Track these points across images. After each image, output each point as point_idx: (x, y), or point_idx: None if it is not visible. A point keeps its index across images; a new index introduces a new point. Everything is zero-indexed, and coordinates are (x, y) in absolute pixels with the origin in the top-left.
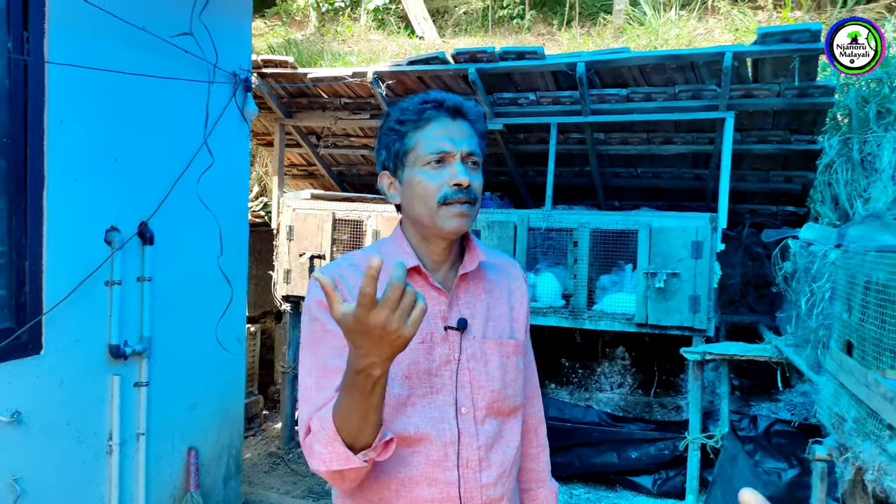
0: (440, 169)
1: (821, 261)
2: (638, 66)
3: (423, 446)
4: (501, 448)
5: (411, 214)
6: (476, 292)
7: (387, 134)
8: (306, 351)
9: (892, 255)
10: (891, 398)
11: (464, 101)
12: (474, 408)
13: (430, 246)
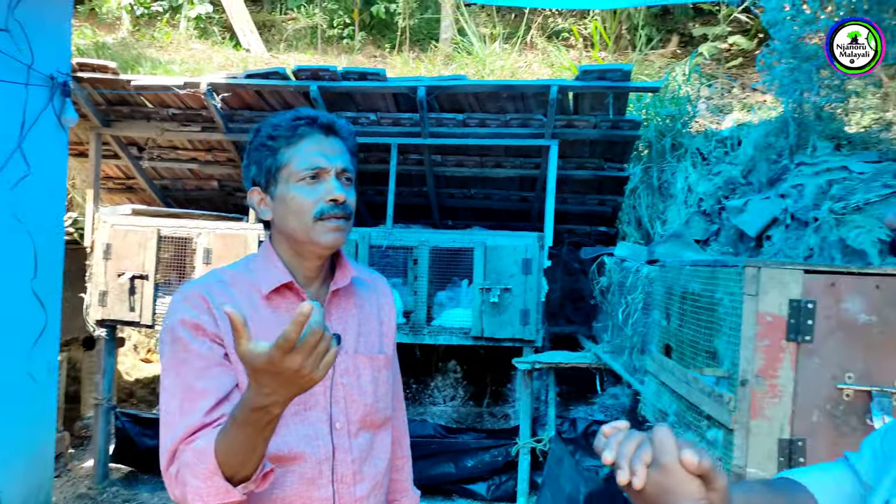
0: (315, 185)
1: (634, 275)
2: (474, 94)
3: (296, 465)
4: (373, 461)
5: (285, 230)
6: (347, 308)
7: (258, 150)
8: (168, 373)
9: (704, 269)
10: (708, 392)
11: (336, 118)
12: (348, 422)
13: (304, 262)
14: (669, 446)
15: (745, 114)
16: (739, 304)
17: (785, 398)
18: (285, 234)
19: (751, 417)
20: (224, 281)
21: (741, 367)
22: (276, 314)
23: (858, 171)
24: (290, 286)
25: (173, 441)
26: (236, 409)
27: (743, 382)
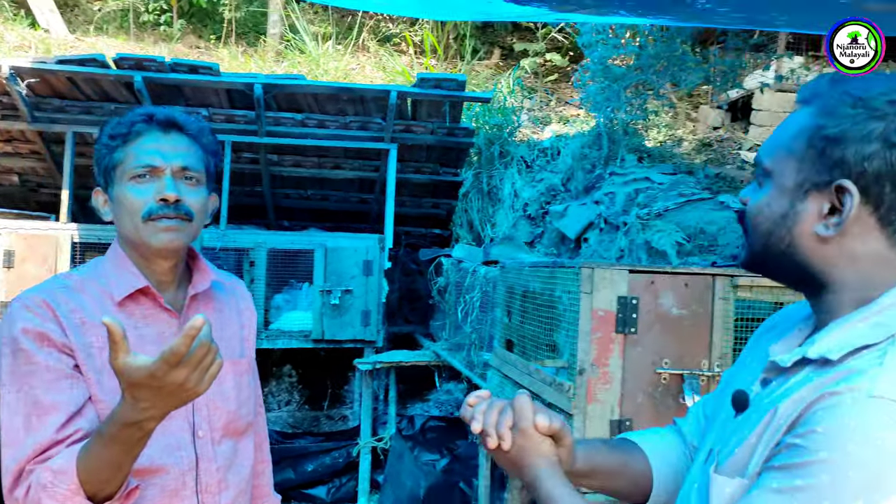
0: (147, 184)
1: (471, 276)
2: (313, 94)
3: (157, 478)
4: (237, 468)
5: (121, 231)
6: (207, 312)
7: (98, 150)
8: (9, 388)
9: (544, 269)
10: (549, 382)
11: (179, 114)
12: (211, 430)
13: (153, 265)
14: (527, 412)
15: (563, 126)
16: (577, 300)
17: (615, 384)
18: (123, 235)
19: (587, 402)
20: (69, 286)
21: (579, 358)
22: (131, 321)
23: (659, 182)
24: (146, 291)
25: (18, 461)
26: (105, 424)
27: (581, 371)
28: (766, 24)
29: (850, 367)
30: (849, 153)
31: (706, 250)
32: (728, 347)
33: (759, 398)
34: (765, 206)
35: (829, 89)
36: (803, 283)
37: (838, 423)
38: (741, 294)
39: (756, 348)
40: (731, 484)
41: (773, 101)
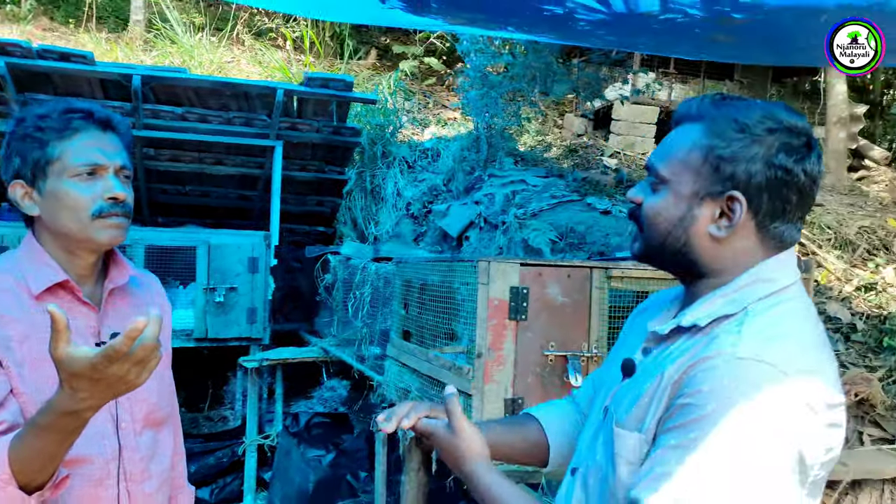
0: (92, 181)
1: (361, 272)
2: (195, 88)
3: (81, 467)
4: (159, 458)
5: (56, 227)
6: (124, 306)
7: (22, 140)
8: None
9: (443, 264)
10: (449, 367)
11: (112, 113)
12: (133, 420)
13: (76, 259)
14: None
15: (441, 128)
16: (475, 291)
17: (508, 366)
18: (56, 231)
19: (485, 383)
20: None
21: (477, 343)
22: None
23: (533, 184)
24: (65, 285)
25: None
26: (40, 415)
27: (479, 355)
28: (633, 46)
29: (715, 333)
30: (738, 170)
31: (576, 247)
32: (604, 331)
33: (643, 364)
34: (663, 210)
35: (716, 112)
36: (688, 272)
37: (718, 382)
38: (613, 284)
39: (633, 327)
40: (632, 437)
41: (630, 112)
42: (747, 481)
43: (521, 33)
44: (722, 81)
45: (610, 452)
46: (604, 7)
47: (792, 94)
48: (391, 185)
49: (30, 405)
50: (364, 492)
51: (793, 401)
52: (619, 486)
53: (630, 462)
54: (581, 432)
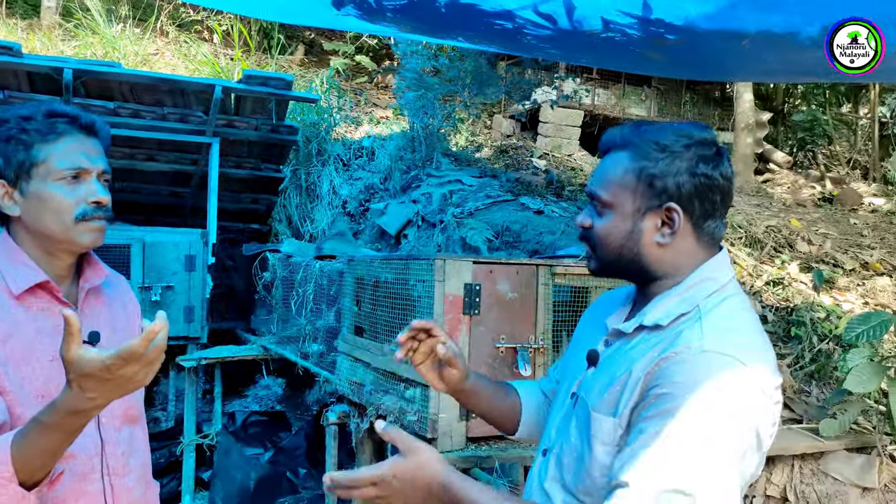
0: (75, 185)
1: (304, 270)
2: (129, 83)
3: (67, 463)
4: (137, 453)
5: (37, 227)
6: (98, 306)
7: (6, 142)
8: None
9: (398, 262)
10: (407, 361)
11: (96, 117)
12: (112, 416)
13: (55, 260)
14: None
15: (374, 126)
16: (431, 288)
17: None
18: (37, 231)
19: None
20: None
21: None
22: (30, 314)
23: (469, 184)
24: (44, 286)
25: None
26: (45, 414)
27: None
28: (576, 59)
29: (677, 330)
30: (669, 184)
31: (511, 245)
32: (549, 324)
33: (606, 355)
34: (613, 229)
35: (639, 139)
36: (642, 277)
37: (690, 373)
38: (557, 280)
39: (589, 324)
40: (607, 421)
41: (556, 116)
42: (716, 456)
43: (469, 43)
44: (640, 87)
45: (586, 434)
46: (550, 24)
47: (704, 101)
48: (326, 183)
49: (15, 403)
50: (304, 488)
51: (751, 387)
52: (595, 465)
53: (605, 443)
54: (549, 416)
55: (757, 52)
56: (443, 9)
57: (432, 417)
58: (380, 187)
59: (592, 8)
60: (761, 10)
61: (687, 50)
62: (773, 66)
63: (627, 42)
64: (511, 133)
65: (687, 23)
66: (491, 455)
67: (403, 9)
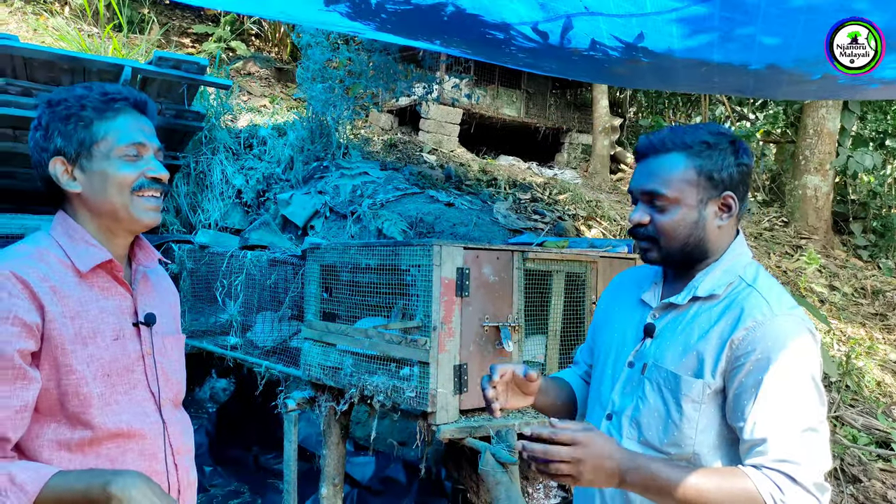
0: (136, 161)
1: (230, 260)
2: (23, 58)
3: (135, 443)
4: (188, 434)
5: (99, 204)
6: (148, 290)
7: (64, 120)
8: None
9: (384, 248)
10: (398, 341)
11: (147, 97)
12: (167, 399)
13: (115, 239)
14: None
15: (255, 115)
16: (429, 272)
17: (456, 336)
18: (100, 209)
19: (439, 352)
20: (32, 255)
21: (432, 318)
22: (93, 293)
23: (377, 176)
24: (107, 265)
25: None
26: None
27: (434, 328)
28: (538, 68)
29: (734, 298)
30: (724, 175)
31: (425, 236)
32: (521, 304)
33: (662, 326)
34: (681, 220)
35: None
36: (699, 258)
37: (774, 336)
38: (528, 265)
39: (616, 303)
40: (697, 382)
41: (437, 113)
42: (816, 393)
43: (442, 47)
44: (512, 89)
45: (673, 394)
46: (541, 40)
47: (566, 104)
48: (217, 172)
49: (82, 382)
50: (212, 486)
51: (813, 333)
52: (684, 420)
53: (695, 401)
54: (601, 387)
55: (709, 74)
56: (446, 17)
57: (432, 392)
58: (281, 177)
59: (588, 31)
60: (733, 51)
61: (650, 68)
62: (715, 83)
63: (604, 59)
64: (390, 128)
65: (667, 51)
66: (483, 425)
67: (405, 14)
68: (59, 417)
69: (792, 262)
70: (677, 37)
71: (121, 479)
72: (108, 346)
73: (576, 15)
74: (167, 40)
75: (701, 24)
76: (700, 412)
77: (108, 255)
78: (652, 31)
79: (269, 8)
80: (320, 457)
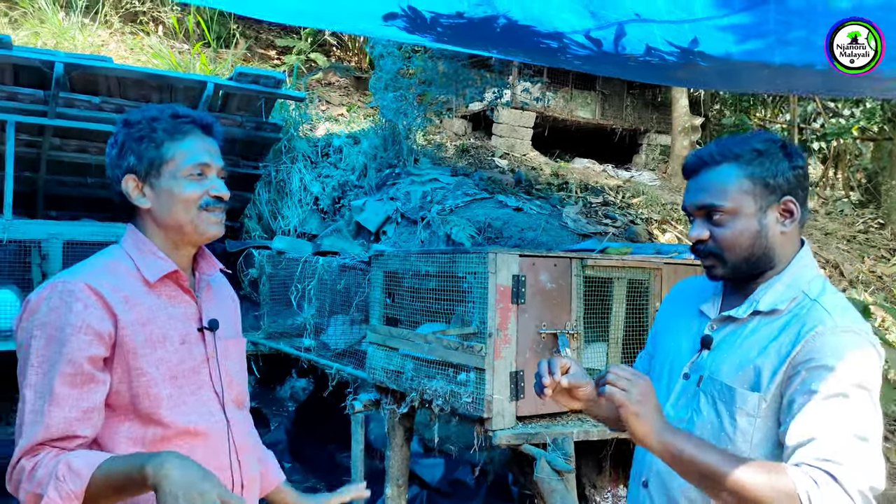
0: (201, 180)
1: (304, 265)
2: (117, 78)
3: (202, 440)
4: (251, 434)
5: (166, 219)
6: (211, 296)
7: (138, 140)
8: (37, 371)
9: (442, 255)
10: (455, 347)
11: (213, 119)
12: (229, 399)
13: (180, 251)
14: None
15: (333, 125)
16: (485, 279)
17: (512, 343)
18: (167, 225)
19: (495, 359)
20: (105, 268)
21: (488, 325)
22: (161, 301)
23: (446, 182)
24: (173, 275)
25: (34, 438)
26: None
27: (490, 335)
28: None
29: (796, 313)
30: (780, 180)
31: (493, 242)
32: (581, 311)
33: (720, 338)
34: (742, 231)
35: (738, 150)
36: (765, 268)
37: (835, 347)
38: (587, 272)
39: (675, 312)
40: (752, 396)
41: (510, 117)
42: (871, 406)
43: (500, 55)
44: (587, 91)
45: (727, 407)
46: (595, 47)
47: (643, 105)
48: (296, 180)
49: (152, 384)
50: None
51: (874, 347)
52: (738, 432)
53: (749, 414)
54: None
55: (772, 76)
56: (499, 29)
57: (488, 398)
58: (355, 184)
59: (641, 37)
60: (793, 54)
61: (711, 71)
62: (779, 84)
63: (661, 64)
64: (463, 133)
65: (724, 55)
66: (539, 432)
67: (458, 27)
68: (133, 416)
69: (888, 267)
70: (732, 41)
71: (157, 458)
72: (176, 350)
73: (627, 22)
74: (253, 53)
75: (754, 28)
76: (755, 426)
77: (173, 265)
78: (706, 35)
79: (339, 23)
80: (385, 457)
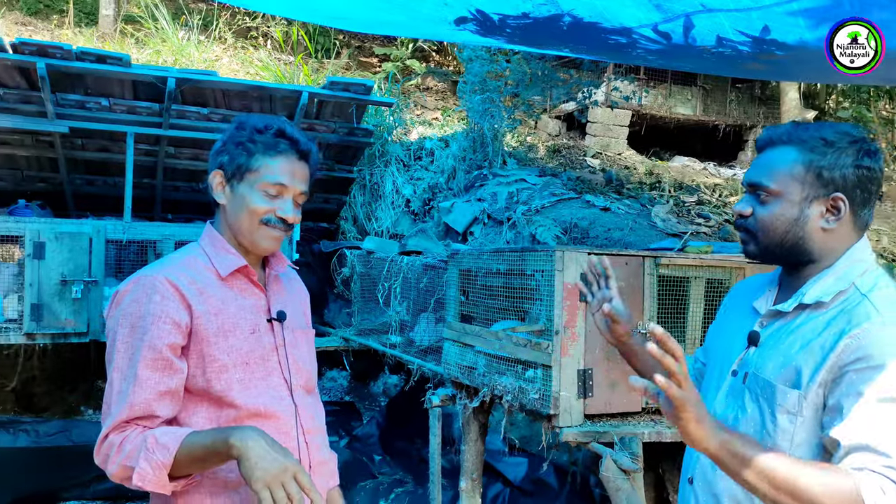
0: (274, 199)
1: (390, 265)
2: (222, 90)
3: (272, 422)
4: (319, 418)
5: (233, 224)
6: (280, 290)
7: (237, 145)
8: (123, 356)
9: (511, 254)
10: (524, 344)
11: (312, 146)
12: (298, 386)
13: (247, 253)
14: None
15: (426, 128)
16: (551, 277)
17: (580, 341)
18: (233, 227)
19: (562, 356)
20: (183, 263)
21: (555, 322)
22: (232, 293)
23: (533, 182)
24: (244, 269)
25: (121, 415)
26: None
27: (557, 332)
28: (670, 66)
29: (843, 308)
30: (836, 175)
31: (579, 242)
32: (654, 310)
33: (767, 335)
34: (779, 216)
35: (806, 135)
36: (798, 260)
37: (883, 345)
38: (661, 270)
39: (731, 310)
40: (793, 393)
41: (604, 115)
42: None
43: (572, 53)
44: (687, 87)
45: (769, 405)
46: (664, 41)
47: (748, 99)
48: (389, 182)
49: (223, 370)
50: (381, 473)
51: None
52: (779, 431)
53: (790, 412)
54: (706, 393)
55: None
56: (565, 27)
57: (554, 395)
58: (444, 186)
59: (711, 27)
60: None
61: (791, 61)
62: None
63: (735, 56)
64: (557, 133)
65: (799, 42)
66: (608, 431)
67: (526, 27)
68: (208, 399)
69: None
70: (804, 27)
71: (239, 431)
72: (246, 338)
73: (694, 13)
74: (355, 62)
75: (828, 12)
76: (796, 425)
77: (243, 261)
78: (776, 22)
79: (417, 29)
80: (458, 451)
